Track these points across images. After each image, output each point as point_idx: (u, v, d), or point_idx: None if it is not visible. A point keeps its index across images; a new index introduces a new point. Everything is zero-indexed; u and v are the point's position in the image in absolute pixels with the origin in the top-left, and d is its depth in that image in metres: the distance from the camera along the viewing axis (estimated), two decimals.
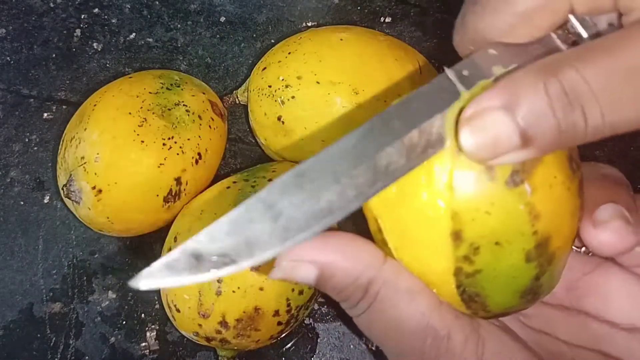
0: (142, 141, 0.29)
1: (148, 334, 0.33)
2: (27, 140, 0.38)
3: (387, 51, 0.31)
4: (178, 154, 0.30)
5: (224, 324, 0.27)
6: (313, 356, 0.33)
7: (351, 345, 0.33)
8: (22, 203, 0.36)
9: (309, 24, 0.42)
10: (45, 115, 0.39)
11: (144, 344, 0.33)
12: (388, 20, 0.42)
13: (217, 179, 0.32)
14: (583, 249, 0.21)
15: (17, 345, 0.33)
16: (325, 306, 0.34)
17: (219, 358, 0.30)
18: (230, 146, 0.38)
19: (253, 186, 0.29)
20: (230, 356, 0.30)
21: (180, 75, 0.34)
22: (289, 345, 0.33)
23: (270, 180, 0.30)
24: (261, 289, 0.27)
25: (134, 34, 0.41)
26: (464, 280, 0.18)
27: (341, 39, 0.31)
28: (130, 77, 0.33)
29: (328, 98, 0.30)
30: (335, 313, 0.34)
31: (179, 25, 0.42)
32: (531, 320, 0.22)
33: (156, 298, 0.34)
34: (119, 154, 0.29)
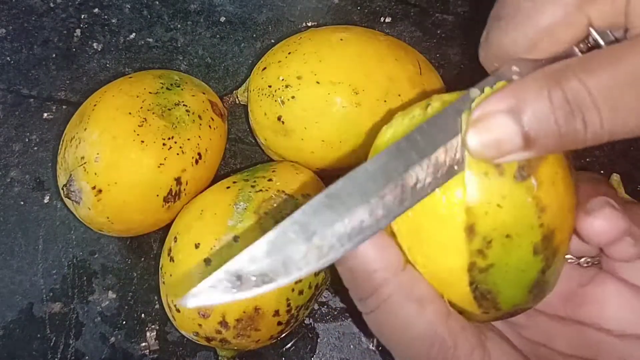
0: (142, 141, 0.29)
1: (148, 334, 0.33)
2: (27, 140, 0.38)
3: (387, 51, 0.31)
4: (178, 154, 0.30)
5: (224, 324, 0.27)
6: (313, 356, 0.33)
7: (351, 345, 0.33)
8: (22, 203, 0.36)
9: (309, 24, 0.42)
10: (45, 115, 0.39)
11: (144, 344, 0.33)
12: (388, 20, 0.42)
13: (217, 179, 0.32)
14: (582, 260, 0.22)
15: (17, 345, 0.33)
16: (325, 306, 0.34)
17: (219, 358, 0.30)
18: (230, 146, 0.38)
19: (253, 186, 0.29)
20: (230, 356, 0.30)
21: (180, 75, 0.34)
22: (289, 345, 0.33)
23: (270, 180, 0.30)
24: None
25: (134, 34, 0.41)
26: (477, 276, 0.18)
27: (341, 39, 0.31)
28: (130, 77, 0.33)
29: (328, 98, 0.30)
30: (335, 313, 0.34)
31: (179, 25, 0.42)
32: (528, 331, 0.22)
33: (156, 298, 0.34)
34: (119, 154, 0.29)
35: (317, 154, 0.31)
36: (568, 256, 0.22)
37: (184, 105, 0.31)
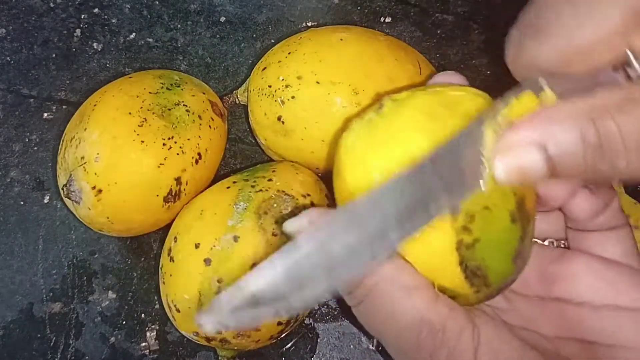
0: (142, 141, 0.29)
1: (148, 334, 0.33)
2: (27, 140, 0.38)
3: (387, 51, 0.31)
4: (178, 154, 0.30)
5: None
6: (313, 356, 0.33)
7: (351, 345, 0.33)
8: (22, 203, 0.36)
9: (309, 24, 0.42)
10: (45, 115, 0.39)
11: (144, 344, 0.33)
12: (388, 20, 0.42)
13: (217, 179, 0.32)
14: (547, 242, 0.23)
15: (17, 345, 0.33)
16: (325, 306, 0.34)
17: (219, 358, 0.30)
18: (230, 146, 0.38)
19: (253, 186, 0.29)
20: (230, 356, 0.30)
21: (180, 75, 0.34)
22: (289, 345, 0.33)
23: (270, 180, 0.30)
24: None
25: (134, 34, 0.41)
26: (465, 254, 0.19)
27: (341, 39, 0.31)
28: (130, 77, 0.33)
29: (328, 98, 0.30)
30: (335, 313, 0.34)
31: (179, 25, 0.42)
32: (509, 315, 0.22)
33: (156, 298, 0.34)
34: (119, 154, 0.29)
35: (317, 154, 0.31)
36: (533, 239, 0.23)
37: (184, 105, 0.31)
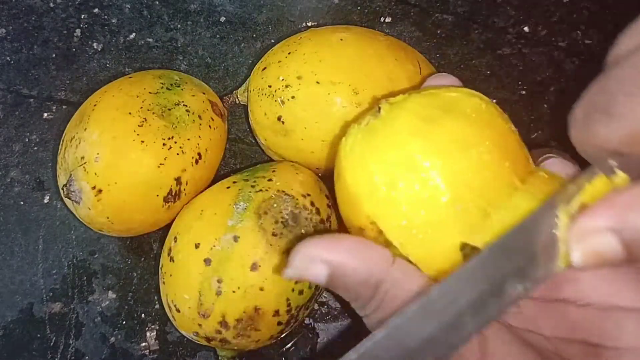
0: (142, 141, 0.29)
1: (148, 334, 0.33)
2: (27, 140, 0.38)
3: (387, 51, 0.31)
4: (178, 154, 0.30)
5: (224, 324, 0.27)
6: (313, 356, 0.33)
7: (351, 345, 0.33)
8: (22, 203, 0.36)
9: (309, 24, 0.42)
10: (45, 115, 0.39)
11: (144, 344, 0.33)
12: (388, 20, 0.42)
13: (217, 179, 0.32)
14: None
15: (17, 345, 0.33)
16: (325, 306, 0.34)
17: (219, 358, 0.30)
18: (230, 146, 0.38)
19: (253, 186, 0.29)
20: (230, 356, 0.30)
21: (180, 75, 0.34)
22: (289, 345, 0.33)
23: (270, 180, 0.30)
24: (261, 289, 0.27)
25: (134, 34, 0.41)
26: (470, 254, 0.19)
27: (341, 39, 0.31)
28: (130, 77, 0.33)
29: (328, 98, 0.30)
30: (335, 313, 0.34)
31: (179, 25, 0.42)
32: (513, 318, 0.22)
33: (156, 298, 0.34)
34: (119, 154, 0.29)
35: (317, 154, 0.31)
36: None
37: (184, 105, 0.31)
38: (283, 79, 0.31)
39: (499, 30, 0.42)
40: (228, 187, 0.30)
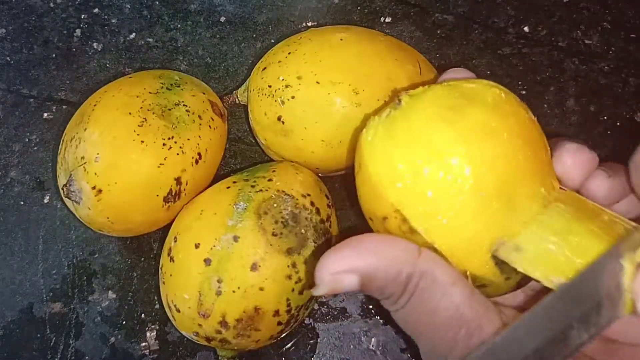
0: (142, 141, 0.29)
1: (148, 334, 0.33)
2: (27, 140, 0.38)
3: (387, 51, 0.31)
4: (178, 154, 0.30)
5: (224, 324, 0.27)
6: (313, 356, 0.33)
7: (351, 345, 0.33)
8: (22, 203, 0.36)
9: (309, 24, 0.42)
10: (45, 115, 0.39)
11: (144, 344, 0.33)
12: (388, 20, 0.42)
13: (217, 179, 0.32)
14: None
15: (17, 345, 0.33)
16: (325, 306, 0.34)
17: (219, 358, 0.30)
18: (230, 146, 0.38)
19: (253, 186, 0.29)
20: (230, 356, 0.30)
21: (180, 75, 0.34)
22: (289, 345, 0.33)
23: (270, 180, 0.30)
24: (261, 289, 0.27)
25: (134, 34, 0.41)
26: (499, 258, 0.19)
27: (341, 39, 0.31)
28: (130, 77, 0.33)
29: (328, 98, 0.30)
30: (335, 313, 0.34)
31: (179, 25, 0.42)
32: None
33: (156, 298, 0.34)
34: (119, 154, 0.29)
35: (317, 154, 0.31)
36: None
37: (184, 105, 0.31)
38: (283, 79, 0.31)
39: (499, 30, 0.42)
40: (228, 187, 0.30)
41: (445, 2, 0.42)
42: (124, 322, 0.33)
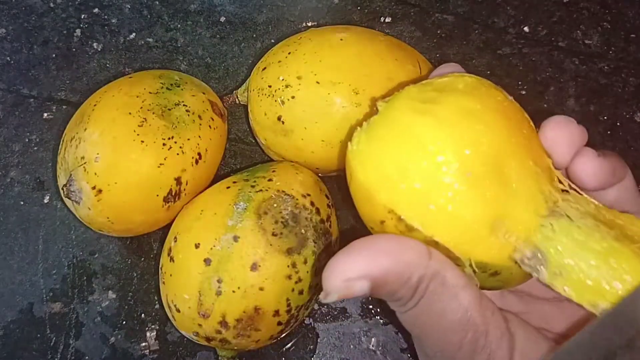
0: (142, 141, 0.29)
1: (148, 334, 0.33)
2: (27, 140, 0.38)
3: (387, 51, 0.31)
4: (178, 154, 0.30)
5: (224, 324, 0.27)
6: (313, 356, 0.33)
7: (351, 345, 0.33)
8: (22, 203, 0.36)
9: (309, 24, 0.42)
10: (45, 115, 0.39)
11: (144, 344, 0.33)
12: (388, 20, 0.42)
13: (217, 179, 0.32)
14: None
15: (17, 345, 0.33)
16: (325, 306, 0.34)
17: (219, 358, 0.30)
18: (230, 146, 0.38)
19: (253, 186, 0.29)
20: (230, 356, 0.30)
21: (180, 75, 0.34)
22: (289, 345, 0.33)
23: (270, 180, 0.30)
24: (261, 289, 0.27)
25: (134, 34, 0.41)
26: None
27: (341, 39, 0.31)
28: (130, 77, 0.33)
29: (328, 98, 0.30)
30: (335, 313, 0.34)
31: (179, 25, 0.42)
32: (529, 318, 0.22)
33: (156, 298, 0.34)
34: (119, 154, 0.29)
35: (317, 154, 0.31)
36: None
37: (184, 105, 0.31)
38: (283, 79, 0.31)
39: (499, 30, 0.42)
40: (228, 187, 0.30)
41: (445, 2, 0.42)
42: (124, 322, 0.33)
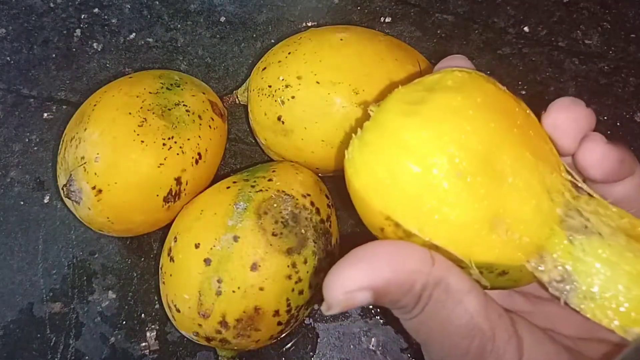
0: (142, 141, 0.29)
1: (148, 334, 0.33)
2: (27, 140, 0.38)
3: (387, 51, 0.31)
4: (178, 154, 0.30)
5: (224, 324, 0.27)
6: (313, 356, 0.33)
7: (351, 345, 0.33)
8: (22, 203, 0.36)
9: (309, 24, 0.42)
10: (45, 115, 0.39)
11: (144, 344, 0.33)
12: (388, 20, 0.42)
13: (217, 179, 0.32)
14: None
15: (17, 345, 0.33)
16: None
17: (219, 358, 0.30)
18: (230, 146, 0.38)
19: (253, 186, 0.29)
20: (230, 356, 0.30)
21: (180, 75, 0.34)
22: (289, 345, 0.33)
23: (270, 180, 0.30)
24: (261, 289, 0.27)
25: (134, 34, 0.41)
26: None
27: (341, 39, 0.31)
28: (130, 77, 0.33)
29: (328, 98, 0.30)
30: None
31: (179, 25, 0.42)
32: (535, 319, 0.22)
33: (156, 298, 0.34)
34: (119, 154, 0.29)
35: (317, 154, 0.31)
36: None
37: (184, 105, 0.31)
38: (283, 79, 0.31)
39: (499, 30, 0.42)
40: (228, 187, 0.30)
41: (445, 2, 0.42)
42: (124, 322, 0.33)
